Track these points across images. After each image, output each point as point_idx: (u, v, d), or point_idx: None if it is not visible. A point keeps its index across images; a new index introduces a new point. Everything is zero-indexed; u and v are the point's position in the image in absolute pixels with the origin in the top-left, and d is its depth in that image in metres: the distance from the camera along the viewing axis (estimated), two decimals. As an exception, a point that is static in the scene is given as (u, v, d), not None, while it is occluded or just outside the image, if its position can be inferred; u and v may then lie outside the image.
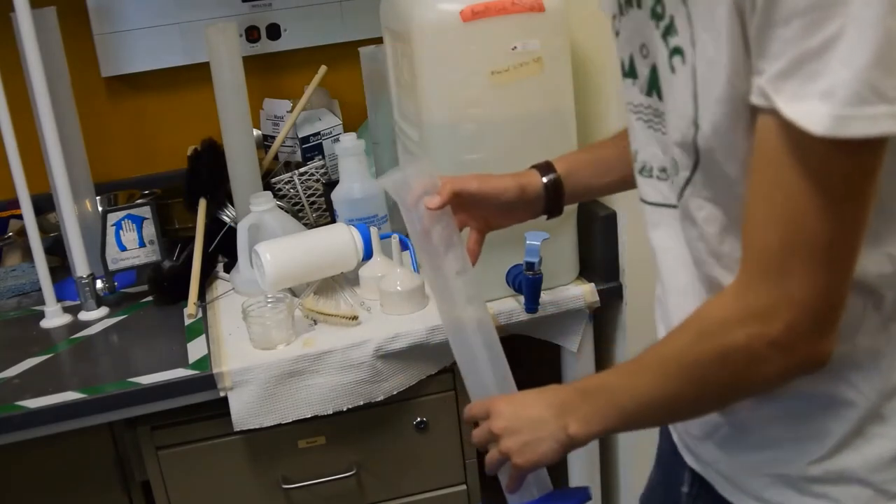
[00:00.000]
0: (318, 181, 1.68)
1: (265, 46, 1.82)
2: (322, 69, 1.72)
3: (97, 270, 1.51)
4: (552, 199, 1.10)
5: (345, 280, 1.47)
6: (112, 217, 1.49)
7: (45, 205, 1.56)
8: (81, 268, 1.48)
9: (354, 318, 1.34)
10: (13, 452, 1.29)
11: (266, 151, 1.74)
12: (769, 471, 0.83)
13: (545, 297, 1.35)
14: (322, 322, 1.36)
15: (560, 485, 1.05)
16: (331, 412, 1.31)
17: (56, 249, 1.60)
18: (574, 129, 1.34)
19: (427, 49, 1.25)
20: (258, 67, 1.80)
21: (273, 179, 1.67)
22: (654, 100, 0.80)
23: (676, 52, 0.74)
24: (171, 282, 1.51)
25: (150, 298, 1.53)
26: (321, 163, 1.71)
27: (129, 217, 1.51)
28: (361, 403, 1.32)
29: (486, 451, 0.95)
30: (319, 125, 1.74)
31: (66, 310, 1.51)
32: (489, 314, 1.11)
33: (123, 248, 1.51)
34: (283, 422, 1.30)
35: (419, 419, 1.40)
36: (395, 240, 1.40)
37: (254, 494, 1.38)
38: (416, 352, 1.33)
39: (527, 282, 1.30)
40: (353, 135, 1.52)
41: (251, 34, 1.81)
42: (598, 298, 1.40)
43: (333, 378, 1.30)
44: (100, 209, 1.60)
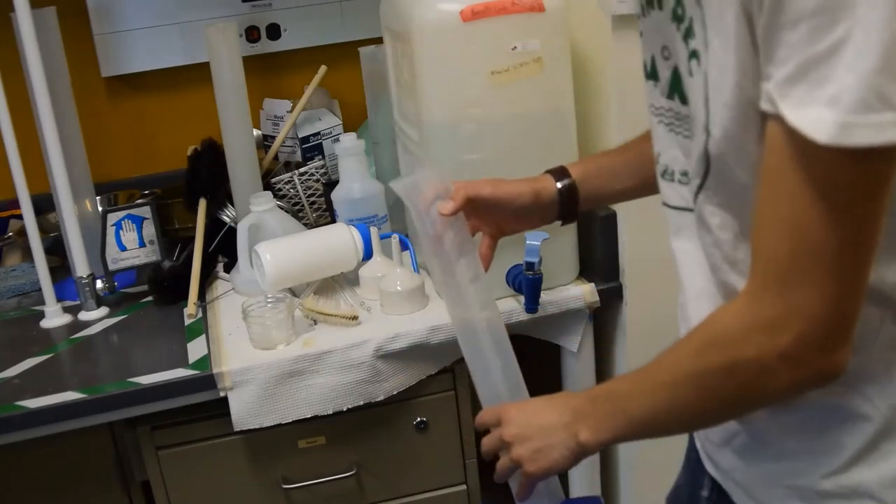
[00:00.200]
0: (318, 181, 1.68)
1: (265, 46, 1.82)
2: (322, 69, 1.72)
3: (97, 270, 1.51)
4: (566, 205, 1.09)
5: (345, 280, 1.47)
6: (112, 217, 1.49)
7: (45, 205, 1.56)
8: (81, 268, 1.48)
9: (354, 318, 1.34)
10: (13, 452, 1.29)
11: (266, 151, 1.74)
12: (784, 482, 0.82)
13: (545, 297, 1.35)
14: (322, 322, 1.36)
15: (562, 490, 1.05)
16: (331, 412, 1.31)
17: (56, 249, 1.60)
18: (574, 129, 1.34)
19: (427, 49, 1.25)
20: (258, 67, 1.80)
21: (273, 179, 1.67)
22: (676, 103, 0.79)
23: (693, 56, 0.73)
24: (171, 282, 1.51)
25: (150, 298, 1.53)
26: (321, 163, 1.71)
27: (129, 217, 1.51)
28: (361, 403, 1.32)
29: (497, 458, 0.94)
30: (319, 125, 1.74)
31: (66, 310, 1.51)
32: (502, 320, 1.10)
33: (123, 248, 1.51)
34: (283, 422, 1.30)
35: (419, 419, 1.40)
36: (395, 240, 1.40)
37: (254, 494, 1.38)
38: (416, 352, 1.33)
39: (527, 282, 1.30)
40: (353, 135, 1.52)
41: (251, 34, 1.81)
42: (598, 298, 1.40)
43: (333, 378, 1.30)
44: (100, 209, 1.60)
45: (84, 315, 1.49)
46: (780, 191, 0.66)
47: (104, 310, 1.50)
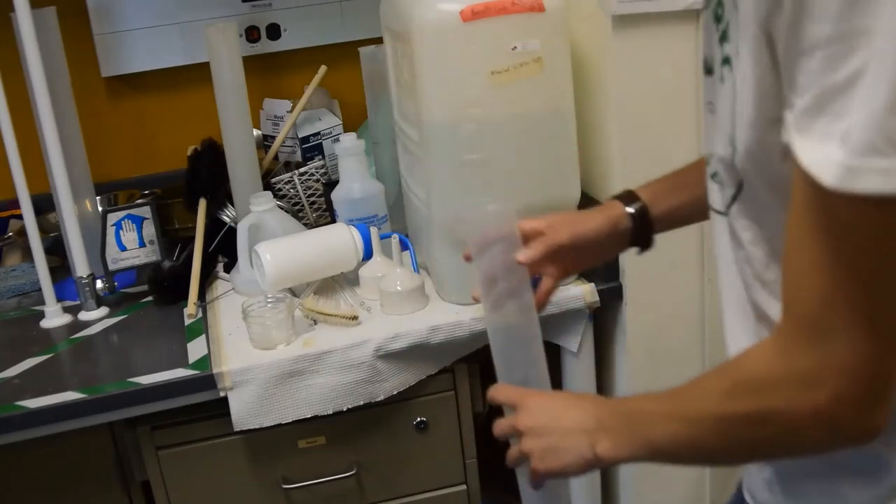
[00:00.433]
0: (318, 181, 1.68)
1: (265, 46, 1.82)
2: (322, 69, 1.72)
3: (97, 270, 1.51)
4: (640, 230, 1.03)
5: (345, 280, 1.47)
6: (112, 217, 1.49)
7: (45, 205, 1.56)
8: (81, 268, 1.48)
9: (354, 318, 1.34)
10: (13, 452, 1.29)
11: (266, 151, 1.74)
12: None
13: (545, 297, 1.35)
14: (322, 322, 1.36)
15: None
16: (331, 412, 1.31)
17: (56, 249, 1.60)
18: (574, 129, 1.34)
19: (427, 49, 1.25)
20: (258, 67, 1.80)
21: (273, 179, 1.67)
22: None
23: (726, 62, 0.69)
24: (171, 282, 1.51)
25: (150, 298, 1.53)
26: (321, 163, 1.71)
27: (129, 217, 1.51)
28: (361, 403, 1.32)
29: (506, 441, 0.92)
30: (319, 125, 1.74)
31: (66, 310, 1.51)
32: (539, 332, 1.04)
33: (123, 248, 1.51)
34: (283, 422, 1.30)
35: (419, 419, 1.40)
36: (395, 240, 1.40)
37: (254, 494, 1.38)
38: (416, 352, 1.33)
39: (527, 282, 1.29)
40: (353, 135, 1.52)
41: (251, 34, 1.81)
42: (598, 298, 1.40)
43: (333, 378, 1.30)
44: (100, 209, 1.60)
45: (84, 315, 1.49)
46: (803, 235, 0.62)
47: (104, 310, 1.50)
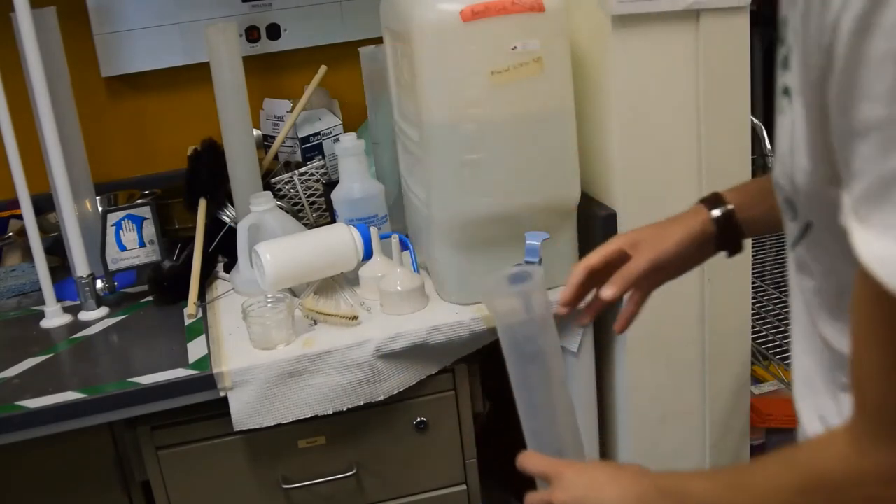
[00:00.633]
0: (318, 181, 1.68)
1: (265, 46, 1.82)
2: (322, 69, 1.72)
3: (97, 270, 1.51)
4: (726, 234, 1.00)
5: (345, 280, 1.47)
6: (112, 217, 1.49)
7: (45, 205, 1.56)
8: (81, 268, 1.48)
9: (354, 318, 1.34)
10: (13, 452, 1.29)
11: (266, 151, 1.74)
12: None
13: (545, 297, 1.35)
14: (322, 322, 1.36)
15: None
16: (331, 412, 1.31)
17: (56, 249, 1.60)
18: (574, 129, 1.34)
19: (427, 49, 1.25)
20: (258, 67, 1.80)
21: (273, 179, 1.67)
22: None
23: (786, 93, 0.65)
24: (171, 282, 1.51)
25: (150, 298, 1.53)
26: (321, 163, 1.71)
27: (129, 217, 1.51)
28: (361, 403, 1.32)
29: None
30: (319, 125, 1.74)
31: (66, 310, 1.51)
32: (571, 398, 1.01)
33: (123, 248, 1.51)
34: (283, 422, 1.30)
35: (419, 419, 1.40)
36: (395, 240, 1.40)
37: (254, 494, 1.38)
38: (416, 352, 1.33)
39: (527, 282, 1.29)
40: (353, 135, 1.52)
41: (251, 34, 1.81)
42: (598, 298, 1.40)
43: (333, 378, 1.30)
44: (100, 209, 1.60)
45: (84, 315, 1.49)
46: (870, 331, 0.59)
47: (104, 310, 1.50)
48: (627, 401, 1.47)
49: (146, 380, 1.28)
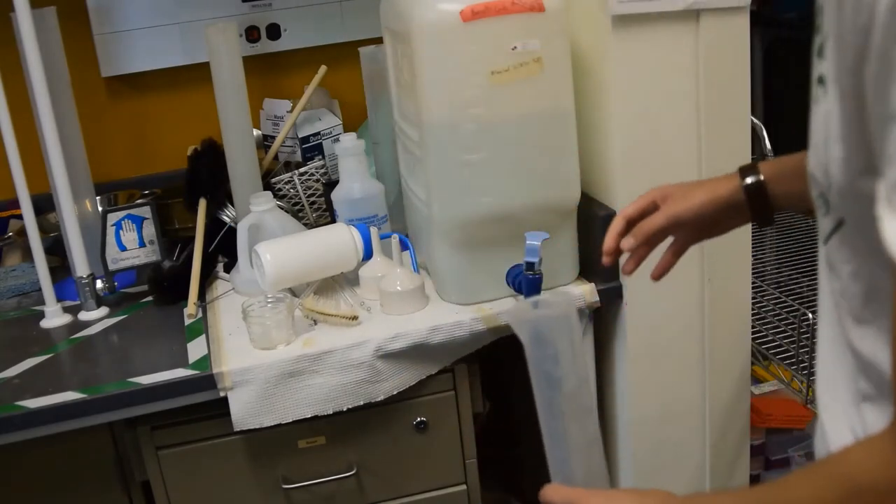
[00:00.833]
0: (318, 181, 1.68)
1: (265, 46, 1.82)
2: (322, 69, 1.72)
3: (97, 270, 1.51)
4: (756, 205, 1.00)
5: (345, 280, 1.47)
6: (112, 217, 1.49)
7: (45, 205, 1.56)
8: (81, 268, 1.48)
9: (354, 318, 1.34)
10: (13, 452, 1.29)
11: (266, 151, 1.74)
12: None
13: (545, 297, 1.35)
14: (322, 322, 1.36)
15: None
16: (331, 412, 1.31)
17: (56, 249, 1.60)
18: (574, 129, 1.35)
19: (427, 49, 1.25)
20: (258, 67, 1.80)
21: (273, 179, 1.67)
22: None
23: (821, 82, 0.63)
24: (171, 282, 1.51)
25: (150, 298, 1.53)
26: (321, 163, 1.71)
27: (129, 217, 1.51)
28: (361, 403, 1.32)
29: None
30: (319, 125, 1.74)
31: (66, 310, 1.51)
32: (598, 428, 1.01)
33: (123, 248, 1.51)
34: (283, 422, 1.30)
35: (419, 419, 1.40)
36: (395, 240, 1.40)
37: (254, 494, 1.38)
38: (416, 352, 1.33)
39: (527, 282, 1.30)
40: (353, 135, 1.52)
41: (251, 34, 1.81)
42: (598, 298, 1.40)
43: (333, 378, 1.30)
44: (100, 209, 1.60)
45: (84, 315, 1.49)
46: None
47: (104, 310, 1.50)
48: (627, 401, 1.47)
49: (146, 380, 1.28)
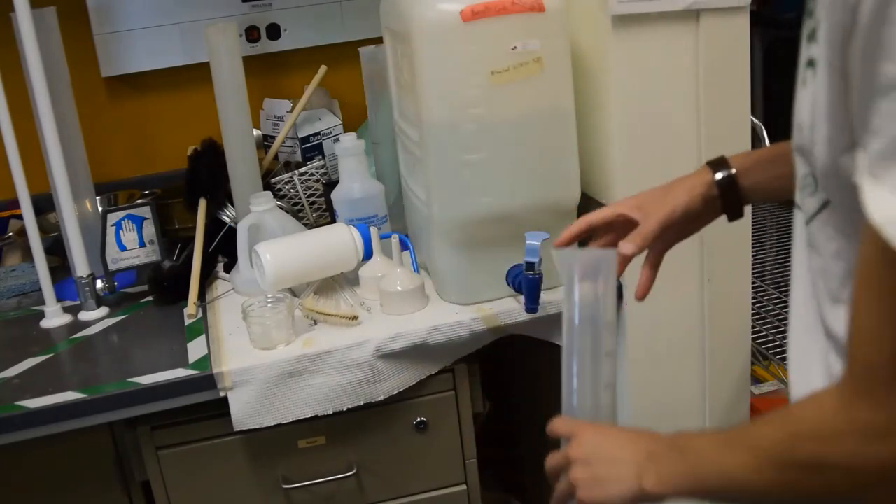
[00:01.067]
0: (318, 181, 1.68)
1: (265, 46, 1.82)
2: (322, 69, 1.72)
3: (97, 270, 1.51)
4: (728, 199, 1.02)
5: (345, 280, 1.47)
6: (112, 217, 1.49)
7: (45, 205, 1.56)
8: (81, 268, 1.48)
9: (354, 318, 1.34)
10: (13, 452, 1.29)
11: (266, 151, 1.74)
12: None
13: (545, 297, 1.35)
14: (322, 322, 1.36)
15: None
16: (331, 412, 1.31)
17: (56, 249, 1.60)
18: (574, 129, 1.35)
19: (427, 49, 1.25)
20: (258, 67, 1.80)
21: (273, 179, 1.67)
22: None
23: (810, 65, 0.65)
24: (171, 282, 1.51)
25: (150, 298, 1.53)
26: (321, 163, 1.71)
27: (129, 217, 1.51)
28: (361, 403, 1.32)
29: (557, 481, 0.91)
30: (319, 125, 1.74)
31: (66, 310, 1.51)
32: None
33: (123, 248, 1.51)
34: (283, 422, 1.30)
35: (419, 419, 1.40)
36: (395, 240, 1.40)
37: (254, 494, 1.38)
38: (416, 352, 1.33)
39: (527, 282, 1.30)
40: (353, 135, 1.52)
41: (251, 34, 1.81)
42: (598, 298, 1.40)
43: (333, 378, 1.30)
44: (100, 209, 1.60)
45: (84, 315, 1.49)
46: (872, 288, 0.60)
47: (104, 310, 1.50)
48: (627, 401, 1.47)
49: (146, 380, 1.28)
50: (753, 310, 1.53)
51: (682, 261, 1.42)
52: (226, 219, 1.61)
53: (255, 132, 1.72)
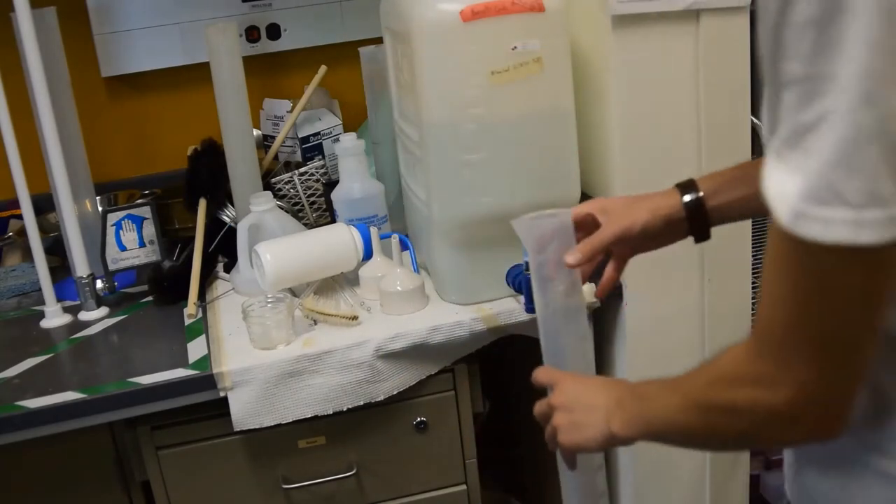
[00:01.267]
0: (318, 181, 1.68)
1: (265, 46, 1.82)
2: (322, 69, 1.72)
3: (97, 270, 1.51)
4: (695, 221, 1.04)
5: (345, 280, 1.47)
6: (112, 217, 1.49)
7: (45, 205, 1.56)
8: (81, 268, 1.48)
9: (354, 318, 1.34)
10: (13, 452, 1.29)
11: (266, 151, 1.74)
12: None
13: (545, 297, 1.35)
14: (322, 322, 1.36)
15: None
16: (331, 412, 1.31)
17: (56, 249, 1.60)
18: (574, 129, 1.35)
19: (427, 49, 1.25)
20: (258, 67, 1.80)
21: (273, 179, 1.67)
22: None
23: None
24: (171, 282, 1.51)
25: (150, 298, 1.53)
26: (321, 163, 1.71)
27: (129, 217, 1.51)
28: (361, 403, 1.32)
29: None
30: (319, 125, 1.74)
31: (66, 310, 1.51)
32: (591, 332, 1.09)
33: (123, 248, 1.51)
34: (283, 422, 1.30)
35: (419, 419, 1.40)
36: (395, 240, 1.40)
37: (254, 494, 1.38)
38: (416, 352, 1.33)
39: (527, 282, 1.30)
40: (353, 135, 1.52)
41: (251, 34, 1.81)
42: (598, 299, 1.40)
43: (333, 378, 1.30)
44: (100, 209, 1.60)
45: (84, 315, 1.49)
46: (769, 258, 0.65)
47: (104, 310, 1.50)
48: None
49: (146, 380, 1.28)
50: (753, 310, 1.53)
51: (682, 261, 1.42)
52: (226, 219, 1.61)
53: (255, 132, 1.72)
